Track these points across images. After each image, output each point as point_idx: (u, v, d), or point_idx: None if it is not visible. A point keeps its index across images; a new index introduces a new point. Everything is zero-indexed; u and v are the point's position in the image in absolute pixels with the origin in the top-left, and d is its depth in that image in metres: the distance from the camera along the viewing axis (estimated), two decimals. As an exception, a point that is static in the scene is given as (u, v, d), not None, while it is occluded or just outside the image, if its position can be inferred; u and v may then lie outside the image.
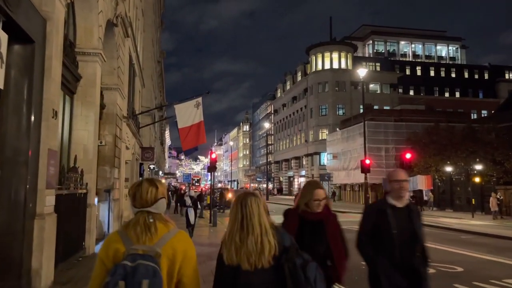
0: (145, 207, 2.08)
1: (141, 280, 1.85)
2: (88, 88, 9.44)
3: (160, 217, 2.10)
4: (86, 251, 9.10)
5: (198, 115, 16.19)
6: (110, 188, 12.49)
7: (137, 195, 2.10)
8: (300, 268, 2.11)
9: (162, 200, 2.14)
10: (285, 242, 2.20)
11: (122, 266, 1.88)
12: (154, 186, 2.13)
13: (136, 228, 2.03)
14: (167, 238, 2.03)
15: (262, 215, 2.22)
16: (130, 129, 16.28)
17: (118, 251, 1.98)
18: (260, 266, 2.13)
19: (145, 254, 1.94)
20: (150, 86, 33.92)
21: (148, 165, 32.68)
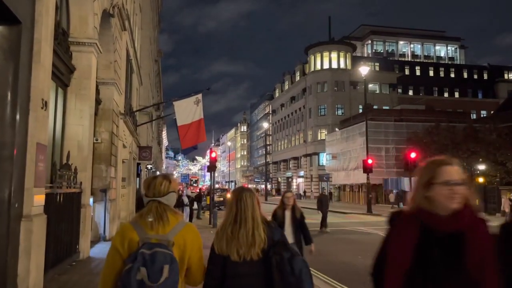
0: (156, 197, 2.22)
1: (162, 266, 1.98)
2: (83, 80, 8.84)
3: (170, 208, 2.24)
4: (80, 255, 8.50)
5: (198, 112, 15.60)
6: (106, 187, 11.88)
7: (151, 185, 2.25)
8: (287, 261, 2.17)
9: (173, 194, 2.27)
10: (275, 237, 2.29)
11: (141, 254, 2.00)
12: (168, 180, 2.29)
13: (149, 216, 2.16)
14: (179, 228, 2.16)
15: (255, 210, 2.33)
16: (127, 126, 15.67)
17: (132, 240, 2.10)
18: (249, 258, 2.23)
19: (159, 242, 2.06)
20: (147, 84, 33.34)
21: (145, 165, 32.03)
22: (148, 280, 1.97)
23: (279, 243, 2.28)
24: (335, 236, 14.96)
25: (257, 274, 2.25)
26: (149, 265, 1.99)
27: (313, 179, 61.55)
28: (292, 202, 6.03)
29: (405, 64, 68.56)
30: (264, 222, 2.35)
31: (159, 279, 1.98)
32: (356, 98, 59.06)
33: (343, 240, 13.84)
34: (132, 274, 1.98)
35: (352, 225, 19.03)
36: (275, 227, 2.38)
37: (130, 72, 17.57)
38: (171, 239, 2.11)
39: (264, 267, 2.24)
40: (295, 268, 2.18)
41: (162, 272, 1.99)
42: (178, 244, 2.13)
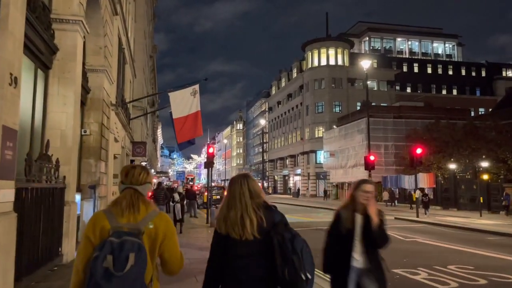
0: (134, 185, 2.25)
1: (128, 254, 1.97)
2: (67, 62, 7.87)
3: (144, 198, 2.26)
4: (64, 258, 7.54)
5: (195, 104, 14.63)
6: (95, 184, 10.92)
7: (129, 173, 2.29)
8: (288, 240, 2.23)
9: (148, 185, 2.31)
10: (275, 219, 2.38)
11: (109, 242, 2.00)
12: (146, 171, 2.35)
13: (122, 203, 2.19)
14: (150, 218, 2.19)
15: (244, 194, 2.45)
16: (119, 119, 14.69)
17: (103, 228, 2.11)
18: (244, 238, 2.33)
19: (129, 231, 2.08)
20: (142, 79, 32.45)
21: (139, 161, 31.04)
22: (113, 268, 1.95)
23: (280, 224, 2.34)
24: (341, 235, 14.04)
25: (257, 254, 2.31)
26: (116, 253, 1.98)
27: (310, 177, 60.75)
28: (371, 201, 3.51)
29: (403, 61, 67.89)
30: (262, 205, 2.42)
31: (124, 268, 1.96)
32: (354, 95, 58.38)
33: (350, 240, 12.93)
34: (99, 262, 1.97)
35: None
36: (275, 210, 2.45)
37: (123, 62, 16.59)
38: (141, 228, 2.13)
39: (263, 248, 2.30)
40: (296, 247, 2.21)
41: (128, 260, 1.97)
42: (148, 233, 2.15)
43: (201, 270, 7.94)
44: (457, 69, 69.50)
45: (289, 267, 2.18)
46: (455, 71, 69.22)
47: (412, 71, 67.12)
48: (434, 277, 7.50)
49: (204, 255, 8.77)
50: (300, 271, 2.17)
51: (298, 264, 2.17)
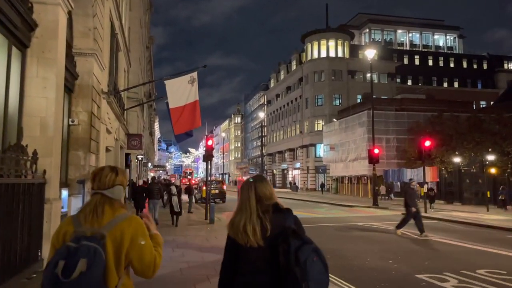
0: (101, 189, 2.15)
1: (79, 259, 1.86)
2: (47, 41, 6.90)
3: (111, 202, 2.14)
4: (44, 263, 6.61)
5: (193, 93, 13.65)
6: (85, 178, 9.98)
7: (97, 177, 2.18)
8: (293, 250, 2.13)
9: (118, 187, 2.19)
10: (286, 222, 2.26)
11: (66, 247, 1.93)
12: (114, 172, 2.20)
13: (86, 209, 2.11)
14: (116, 222, 2.08)
15: (250, 200, 2.35)
16: (111, 108, 13.71)
17: (67, 233, 2.03)
18: (249, 245, 2.25)
19: (91, 236, 1.98)
20: (138, 70, 31.50)
21: (135, 155, 30.06)
22: (61, 275, 1.84)
23: (288, 230, 2.22)
24: (351, 233, 13.17)
25: (265, 260, 2.25)
26: (69, 258, 1.88)
27: (309, 171, 59.93)
28: None
29: (404, 53, 66.96)
30: (271, 209, 2.33)
31: (71, 274, 1.84)
32: (354, 88, 57.47)
33: (361, 238, 12.05)
34: (50, 267, 1.89)
35: (363, 220, 17.26)
36: (287, 213, 2.35)
37: (116, 49, 15.58)
38: (104, 232, 2.02)
39: (272, 253, 2.23)
40: (300, 257, 2.11)
41: (76, 267, 1.85)
42: (113, 237, 2.03)
43: (201, 276, 7.06)
44: (458, 62, 68.63)
45: (290, 277, 2.13)
46: (456, 63, 68.36)
47: (413, 64, 66.22)
48: (465, 285, 6.62)
49: (205, 258, 7.86)
50: (302, 282, 2.10)
51: (300, 275, 2.11)
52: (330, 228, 14.28)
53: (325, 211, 22.30)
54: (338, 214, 20.48)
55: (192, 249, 9.33)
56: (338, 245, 10.54)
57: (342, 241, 11.28)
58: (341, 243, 10.83)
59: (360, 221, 16.83)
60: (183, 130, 13.83)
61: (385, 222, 16.33)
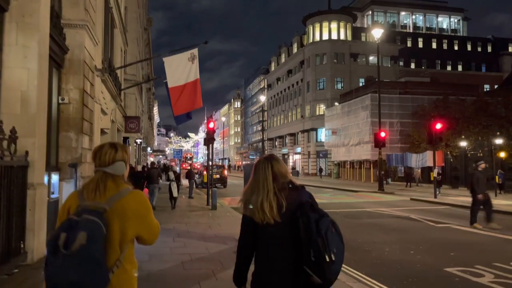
0: (102, 167, 2.17)
1: (79, 232, 1.88)
2: (28, 3, 6.01)
3: (113, 178, 2.17)
4: (28, 256, 5.86)
5: (194, 72, 12.76)
6: (77, 162, 9.18)
7: (97, 155, 2.21)
8: (313, 222, 2.18)
9: (120, 163, 2.21)
10: (302, 198, 2.30)
11: (68, 220, 1.97)
12: (113, 149, 2.22)
13: (89, 185, 2.14)
14: (119, 197, 2.10)
15: (267, 179, 2.36)
16: (106, 87, 12.81)
17: (71, 207, 2.10)
18: (266, 222, 2.28)
19: (93, 209, 2.00)
20: (135, 52, 30.53)
21: (134, 139, 29.23)
22: (62, 246, 1.88)
23: (306, 204, 2.27)
24: (361, 220, 12.40)
25: (283, 236, 2.28)
26: (71, 231, 1.91)
27: (310, 156, 59.19)
28: None
29: (407, 36, 65.61)
30: (285, 186, 2.36)
31: (70, 246, 1.87)
32: (357, 71, 56.40)
33: (374, 226, 11.29)
34: (52, 239, 1.93)
35: (371, 205, 16.51)
36: (302, 190, 2.38)
37: (111, 25, 14.62)
38: (106, 207, 2.05)
39: (288, 229, 2.27)
40: (321, 228, 2.16)
41: (75, 239, 1.88)
42: (116, 212, 2.07)
43: (206, 271, 5.75)
44: (462, 44, 67.34)
45: (313, 248, 2.14)
46: (460, 46, 67.09)
47: (417, 46, 64.95)
48: (503, 280, 5.87)
49: (209, 249, 7.04)
50: (325, 252, 2.12)
51: (322, 245, 2.13)
52: (338, 214, 13.52)
53: (330, 196, 21.57)
54: (344, 199, 19.74)
55: (194, 238, 8.57)
56: (350, 234, 9.79)
57: (354, 230, 10.52)
58: (353, 232, 10.07)
59: (368, 206, 16.09)
60: (183, 111, 12.99)
61: (394, 208, 15.60)
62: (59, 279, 1.88)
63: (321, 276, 2.15)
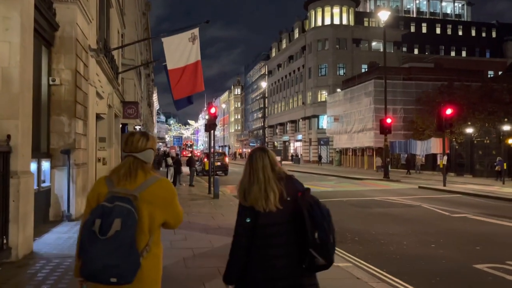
0: (133, 153, 2.23)
1: (114, 219, 1.97)
2: (8, -32, 5.32)
3: (143, 165, 2.23)
4: (13, 253, 5.25)
5: (194, 53, 12.03)
6: (69, 148, 8.54)
7: (128, 141, 2.27)
8: (316, 206, 2.29)
9: (150, 151, 2.29)
10: (298, 187, 2.42)
11: (101, 206, 2.03)
12: (145, 137, 2.31)
13: (120, 171, 2.20)
14: (147, 184, 2.17)
15: (266, 168, 2.42)
16: (102, 70, 12.09)
17: (101, 194, 2.14)
18: (268, 210, 2.33)
19: (124, 196, 2.07)
20: (134, 36, 29.63)
21: (133, 125, 28.54)
22: (98, 232, 1.97)
23: (306, 192, 2.38)
24: (371, 210, 11.79)
25: (283, 222, 2.35)
26: (105, 217, 1.99)
27: (312, 143, 58.53)
28: None
29: (411, 21, 64.43)
30: (280, 176, 2.44)
31: (107, 232, 1.96)
32: (359, 57, 55.40)
33: (386, 216, 10.68)
34: (87, 225, 2.00)
35: (378, 194, 15.91)
36: (295, 178, 2.49)
37: (107, 5, 13.84)
38: (136, 194, 2.11)
39: (288, 216, 2.34)
40: (324, 212, 2.28)
41: (112, 225, 1.96)
42: (145, 199, 2.13)
43: (210, 269, 4.90)
44: (467, 30, 66.21)
45: (319, 231, 2.23)
46: (464, 31, 65.95)
47: (420, 32, 63.84)
48: (543, 279, 5.27)
49: (213, 242, 5.81)
50: (330, 234, 2.25)
51: (328, 228, 2.25)
52: (346, 203, 12.94)
53: (334, 184, 20.96)
54: (349, 187, 19.14)
55: (196, 230, 7.96)
56: (363, 225, 9.21)
57: (366, 220, 9.93)
58: (365, 223, 9.49)
59: (376, 195, 15.48)
60: (183, 95, 12.29)
61: (403, 196, 14.99)
62: (94, 263, 1.96)
63: (326, 256, 2.25)
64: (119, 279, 1.97)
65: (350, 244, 7.29)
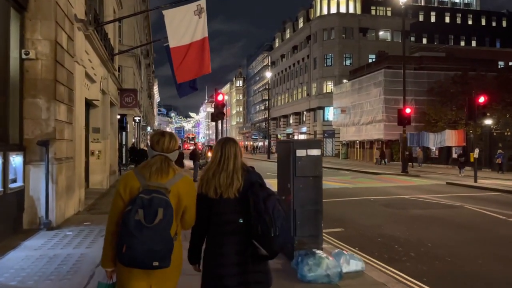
0: (164, 153, 2.48)
1: (157, 208, 2.21)
2: None
3: (170, 163, 2.49)
4: None
5: (201, 28, 10.29)
6: (48, 138, 6.85)
7: (160, 141, 2.50)
8: (262, 200, 2.38)
9: (176, 152, 2.56)
10: (252, 179, 2.53)
11: (140, 198, 2.25)
12: (174, 139, 2.57)
13: (153, 167, 2.41)
14: (176, 180, 2.41)
15: (237, 157, 2.57)
16: (93, 48, 10.35)
17: (133, 187, 2.34)
18: (226, 196, 2.48)
19: (159, 190, 2.31)
20: (133, 22, 27.91)
21: (132, 116, 26.85)
22: (144, 221, 2.18)
23: (256, 184, 2.49)
24: (411, 212, 10.02)
25: (236, 211, 2.47)
26: (146, 208, 2.20)
27: (317, 136, 56.77)
28: None
29: (419, 10, 62.39)
30: (243, 167, 2.57)
31: (153, 220, 2.19)
32: (366, 47, 53.56)
33: (431, 220, 8.92)
34: (132, 214, 2.19)
35: (405, 191, 14.17)
36: (253, 171, 2.59)
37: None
38: (168, 187, 2.35)
39: (241, 205, 2.47)
40: (268, 207, 2.36)
41: (157, 214, 2.19)
42: (174, 192, 2.36)
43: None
44: (476, 19, 64.18)
45: (261, 224, 2.34)
46: (474, 21, 63.91)
47: (429, 21, 61.81)
48: None
49: None
50: (271, 227, 2.32)
51: (269, 222, 2.33)
52: (375, 203, 11.25)
53: (352, 179, 19.21)
54: (370, 183, 17.40)
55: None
56: (408, 232, 7.53)
57: (409, 225, 8.24)
58: (411, 229, 7.81)
59: (404, 192, 13.77)
60: (188, 77, 10.56)
61: (435, 194, 13.26)
62: (142, 248, 2.16)
63: (267, 248, 2.38)
64: (161, 262, 2.21)
65: (408, 262, 5.63)
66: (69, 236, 6.43)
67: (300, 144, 5.65)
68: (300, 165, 5.12)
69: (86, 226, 7.15)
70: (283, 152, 5.64)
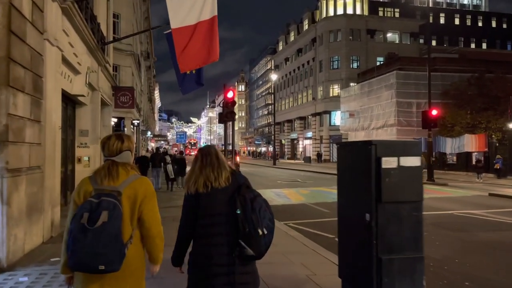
0: (111, 157, 2.42)
1: (102, 211, 2.15)
2: None
3: (123, 165, 2.42)
4: None
5: (210, 5, 8.26)
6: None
7: (105, 146, 2.46)
8: (249, 201, 2.42)
9: (126, 152, 2.47)
10: (240, 181, 2.55)
11: (89, 202, 2.22)
12: (120, 140, 2.48)
13: (101, 173, 2.37)
14: (129, 181, 2.35)
15: (218, 153, 2.63)
16: (75, 28, 8.26)
17: (87, 191, 2.32)
18: (217, 185, 2.49)
19: (109, 193, 2.26)
20: (131, 17, 26.19)
21: (130, 119, 24.80)
22: (87, 224, 2.12)
23: (243, 186, 2.51)
24: (475, 235, 7.81)
25: (225, 213, 2.45)
26: (93, 211, 2.15)
27: (323, 141, 54.74)
28: None
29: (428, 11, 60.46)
30: (229, 167, 2.60)
31: (95, 223, 2.12)
32: (374, 49, 51.75)
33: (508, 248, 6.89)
34: (77, 218, 2.15)
35: (450, 205, 11.95)
36: (239, 174, 2.61)
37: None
38: (120, 190, 2.29)
39: (228, 206, 2.45)
40: (255, 207, 2.40)
41: (100, 217, 2.13)
42: (128, 194, 2.31)
43: None
44: (487, 21, 62.33)
45: (248, 224, 2.36)
46: (484, 22, 62.07)
47: (438, 22, 59.94)
48: None
49: None
50: (258, 227, 2.36)
51: (256, 222, 2.36)
52: (424, 222, 9.19)
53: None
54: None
55: None
56: (497, 265, 5.46)
57: (490, 256, 6.16)
58: (497, 263, 5.73)
59: (448, 207, 11.62)
60: (194, 66, 8.48)
61: (487, 210, 11.09)
62: (85, 252, 2.09)
63: (254, 248, 2.37)
64: (107, 266, 2.11)
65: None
66: (23, 284, 4.37)
67: (386, 147, 3.33)
68: (389, 183, 3.07)
69: (52, 265, 5.05)
70: (352, 161, 3.57)
